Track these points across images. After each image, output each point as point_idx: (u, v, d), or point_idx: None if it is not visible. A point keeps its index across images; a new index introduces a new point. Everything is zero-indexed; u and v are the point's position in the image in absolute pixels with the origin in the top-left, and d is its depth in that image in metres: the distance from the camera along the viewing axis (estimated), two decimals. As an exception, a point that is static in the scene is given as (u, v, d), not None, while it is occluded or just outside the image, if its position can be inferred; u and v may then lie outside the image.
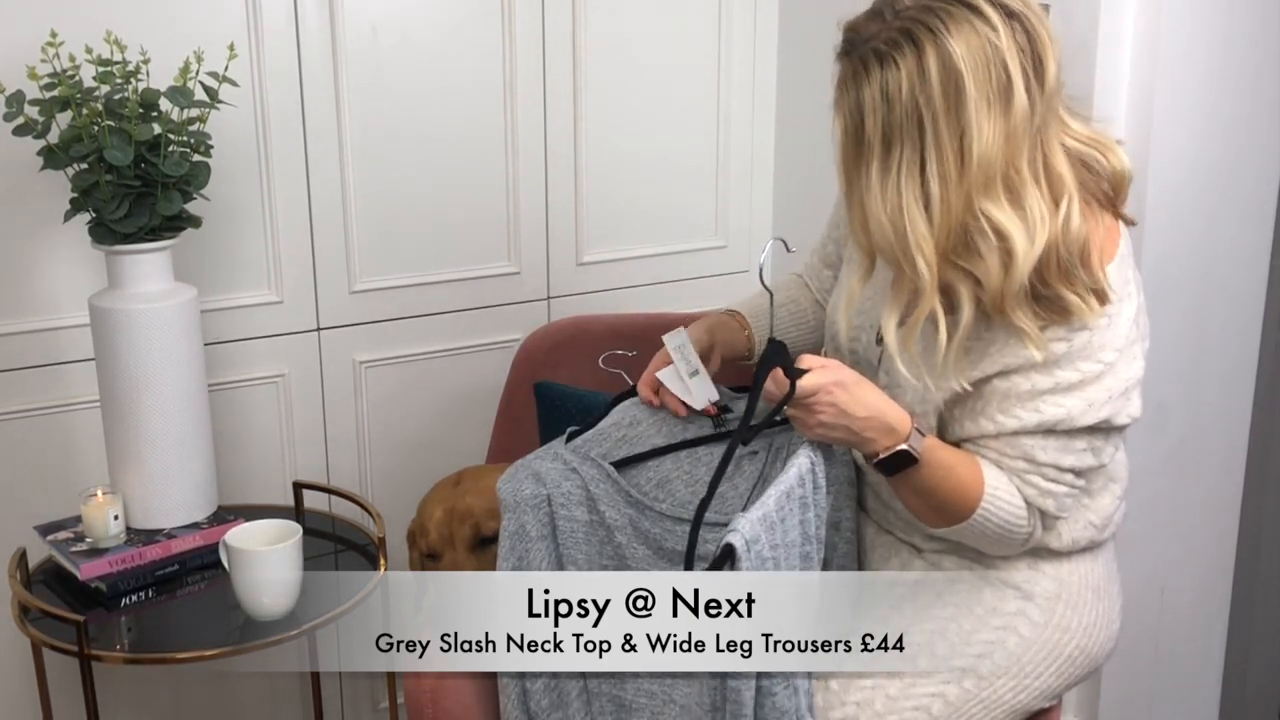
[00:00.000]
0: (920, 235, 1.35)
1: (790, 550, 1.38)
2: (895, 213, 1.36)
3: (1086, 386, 1.47)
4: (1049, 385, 1.47)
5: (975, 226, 1.35)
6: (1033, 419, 1.48)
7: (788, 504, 1.38)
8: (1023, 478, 1.51)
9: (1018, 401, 1.48)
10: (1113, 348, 1.47)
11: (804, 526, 1.41)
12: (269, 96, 2.15)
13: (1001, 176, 1.35)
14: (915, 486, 1.50)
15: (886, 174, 1.36)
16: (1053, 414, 1.47)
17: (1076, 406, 1.47)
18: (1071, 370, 1.47)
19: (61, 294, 2.07)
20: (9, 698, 2.14)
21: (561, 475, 1.51)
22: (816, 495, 1.43)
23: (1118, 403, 1.48)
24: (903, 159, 1.34)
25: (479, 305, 2.42)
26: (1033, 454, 1.50)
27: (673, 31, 2.49)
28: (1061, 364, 1.47)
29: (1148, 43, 1.95)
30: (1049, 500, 1.52)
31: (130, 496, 1.93)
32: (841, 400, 1.43)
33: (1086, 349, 1.46)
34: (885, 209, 1.36)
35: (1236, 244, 2.15)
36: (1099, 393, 1.47)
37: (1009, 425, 1.49)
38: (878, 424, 1.45)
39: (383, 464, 2.39)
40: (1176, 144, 2.01)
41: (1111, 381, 1.47)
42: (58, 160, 1.84)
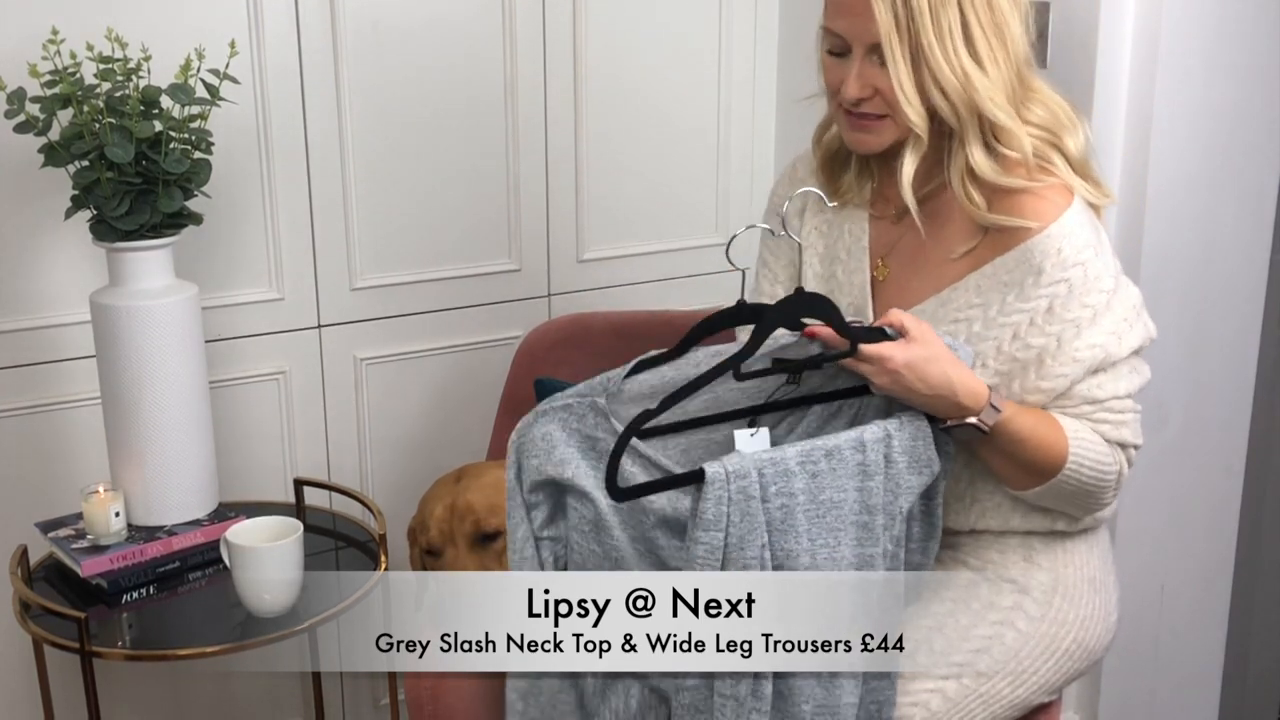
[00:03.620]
0: (986, 85, 1.50)
1: (823, 510, 1.36)
2: (960, 71, 1.49)
3: (1101, 318, 1.51)
4: (1069, 331, 1.51)
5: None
6: (1076, 370, 1.52)
7: (827, 462, 1.36)
8: (1093, 419, 1.54)
9: (1052, 359, 1.52)
10: (1109, 275, 1.53)
11: (862, 495, 1.40)
12: (270, 94, 2.15)
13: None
14: (997, 449, 1.52)
15: (942, 38, 1.48)
16: (1090, 355, 1.51)
17: (1107, 341, 1.52)
18: (1079, 308, 1.51)
19: (63, 291, 2.07)
20: (10, 694, 2.14)
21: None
22: (890, 469, 1.42)
23: (1137, 325, 1.55)
24: (951, 25, 1.48)
25: (480, 302, 2.42)
26: (1093, 395, 1.54)
27: (673, 28, 2.49)
28: (1069, 305, 1.51)
29: (1148, 42, 1.95)
30: (1124, 430, 1.56)
31: (131, 493, 1.94)
32: (904, 380, 1.43)
33: (1085, 282, 1.51)
34: (950, 67, 1.49)
35: (1236, 241, 2.15)
36: (1116, 321, 1.52)
37: (1059, 386, 1.53)
38: (944, 402, 1.46)
39: (384, 461, 2.40)
40: (1176, 143, 2.01)
41: (1121, 307, 1.53)
42: (59, 157, 1.84)
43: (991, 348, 1.55)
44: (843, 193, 1.70)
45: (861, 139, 1.58)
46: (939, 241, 1.61)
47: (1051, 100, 1.59)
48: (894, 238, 1.67)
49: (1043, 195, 1.54)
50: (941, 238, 1.61)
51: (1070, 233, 1.52)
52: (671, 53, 2.49)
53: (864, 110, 1.55)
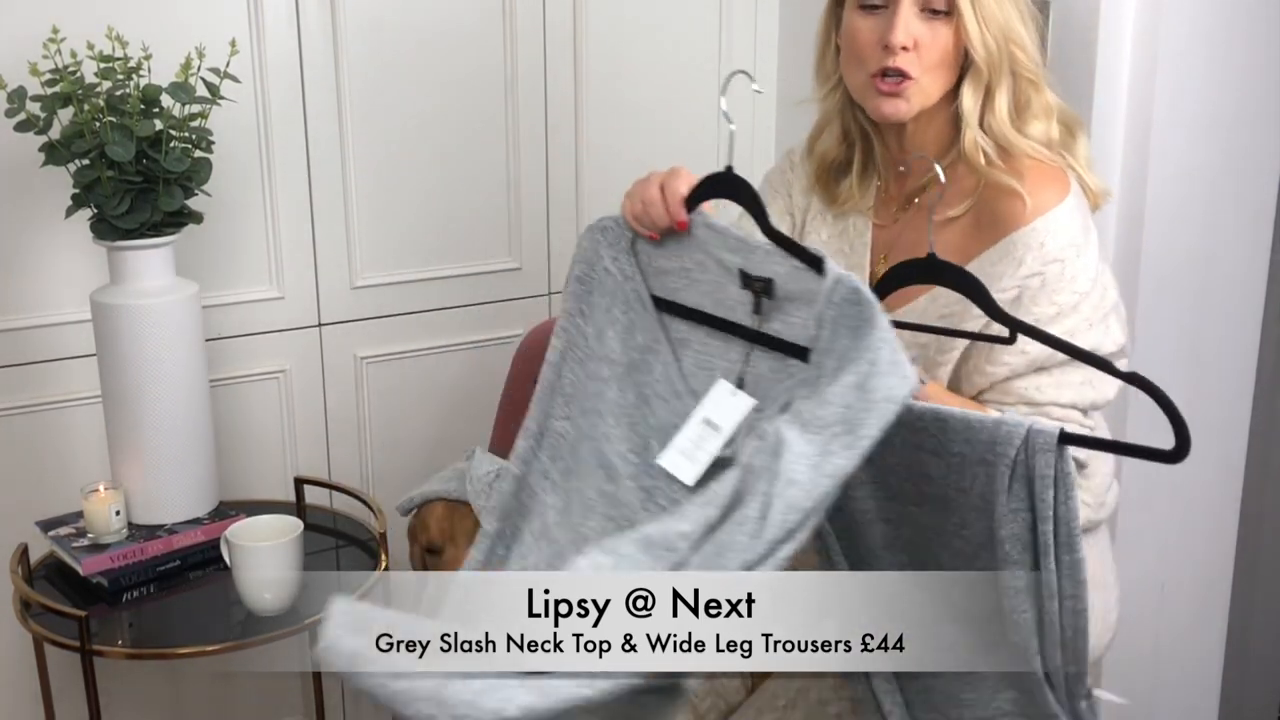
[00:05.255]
0: (1022, 37, 1.56)
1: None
2: (1007, 21, 1.55)
3: (1064, 318, 1.50)
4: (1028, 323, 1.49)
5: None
6: (1020, 361, 1.50)
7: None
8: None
9: (1002, 347, 1.50)
10: (1085, 277, 1.51)
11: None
12: (270, 92, 2.15)
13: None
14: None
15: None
16: (1036, 350, 1.49)
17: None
18: (1047, 304, 1.50)
19: (63, 289, 2.07)
20: (11, 693, 2.15)
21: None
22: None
23: (1098, 330, 1.52)
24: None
25: (480, 300, 2.42)
26: (1030, 395, 1.52)
27: (673, 26, 2.49)
28: (1038, 299, 1.50)
29: (1148, 42, 1.95)
30: None
31: (132, 492, 1.94)
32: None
33: (1059, 280, 1.50)
34: (1000, 8, 1.54)
35: (1236, 241, 2.15)
36: (1076, 321, 1.50)
37: (999, 373, 1.52)
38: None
39: (384, 459, 2.40)
40: (1176, 143, 2.01)
41: (1088, 310, 1.51)
42: (59, 156, 1.84)
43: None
44: (842, 200, 1.71)
45: (894, 104, 1.57)
46: (937, 239, 1.61)
47: (1061, 103, 1.62)
48: (893, 236, 1.67)
49: (1043, 174, 1.55)
50: (938, 233, 1.61)
51: (1056, 229, 1.52)
52: (671, 53, 2.49)
53: (900, 66, 1.54)
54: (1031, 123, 1.58)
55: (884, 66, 1.55)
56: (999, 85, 1.56)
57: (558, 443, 1.51)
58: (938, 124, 1.61)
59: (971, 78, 1.56)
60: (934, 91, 1.57)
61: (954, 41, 1.54)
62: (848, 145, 1.71)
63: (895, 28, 1.52)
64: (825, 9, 1.66)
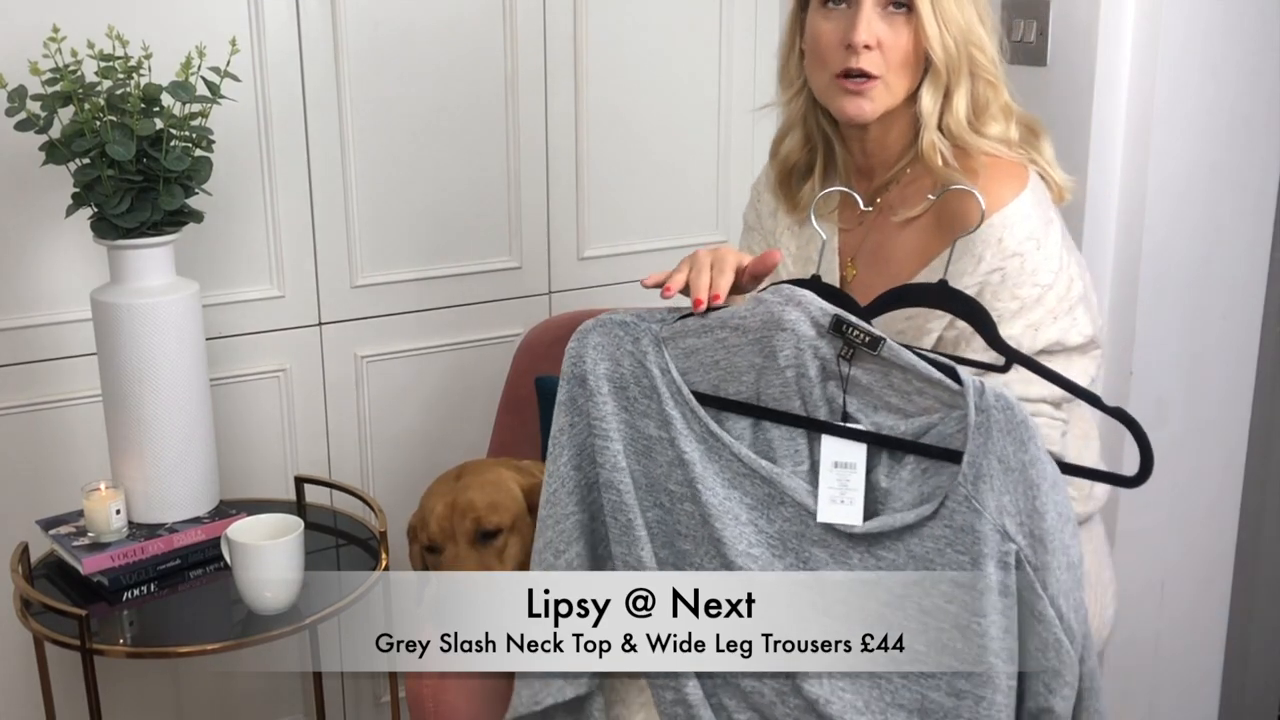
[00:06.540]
0: (982, 39, 1.58)
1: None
2: (967, 23, 1.56)
3: (1027, 311, 1.50)
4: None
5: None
6: (984, 359, 1.48)
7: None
8: None
9: (966, 343, 1.50)
10: (1047, 269, 1.51)
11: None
12: (271, 91, 2.15)
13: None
14: None
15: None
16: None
17: (1022, 334, 1.49)
18: (1010, 299, 1.50)
19: (63, 289, 2.07)
20: (11, 692, 2.15)
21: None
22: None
23: (1064, 322, 1.51)
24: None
25: (480, 300, 2.42)
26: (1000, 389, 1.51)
27: (674, 26, 2.49)
28: (1000, 294, 1.50)
29: (1148, 42, 1.95)
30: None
31: (132, 491, 1.94)
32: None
33: (1020, 274, 1.49)
34: (960, 10, 1.55)
35: (1236, 240, 2.15)
36: (1040, 314, 1.50)
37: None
38: None
39: (384, 458, 2.40)
40: (1176, 143, 2.01)
41: (1052, 301, 1.51)
42: (60, 155, 1.84)
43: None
44: (803, 206, 1.71)
45: (858, 104, 1.57)
46: (899, 240, 1.62)
47: (1020, 108, 1.63)
48: (859, 238, 1.68)
49: (998, 169, 1.55)
50: (900, 235, 1.62)
51: (1013, 223, 1.51)
52: (672, 50, 2.49)
53: (862, 67, 1.54)
54: (990, 124, 1.58)
55: (847, 67, 1.55)
56: (958, 87, 1.56)
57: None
58: (900, 126, 1.61)
59: (930, 79, 1.57)
60: (899, 91, 1.57)
61: (915, 41, 1.55)
62: (810, 150, 1.72)
63: (858, 27, 1.53)
64: (789, 13, 1.67)
